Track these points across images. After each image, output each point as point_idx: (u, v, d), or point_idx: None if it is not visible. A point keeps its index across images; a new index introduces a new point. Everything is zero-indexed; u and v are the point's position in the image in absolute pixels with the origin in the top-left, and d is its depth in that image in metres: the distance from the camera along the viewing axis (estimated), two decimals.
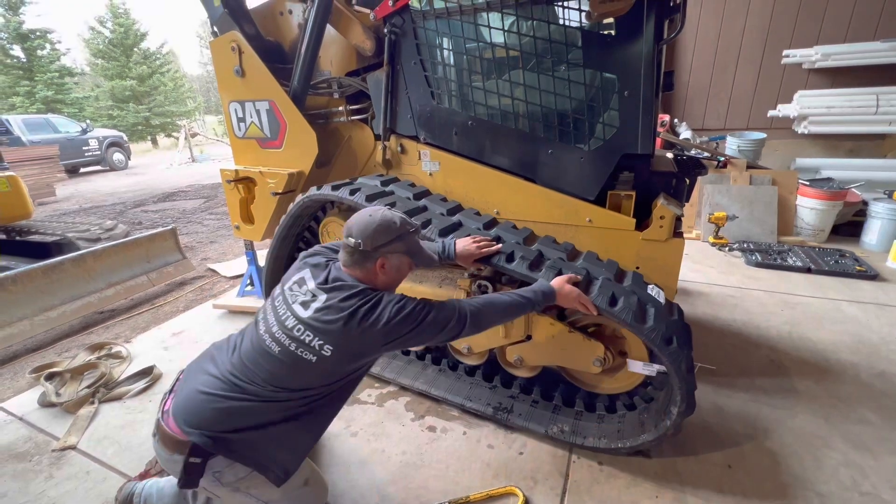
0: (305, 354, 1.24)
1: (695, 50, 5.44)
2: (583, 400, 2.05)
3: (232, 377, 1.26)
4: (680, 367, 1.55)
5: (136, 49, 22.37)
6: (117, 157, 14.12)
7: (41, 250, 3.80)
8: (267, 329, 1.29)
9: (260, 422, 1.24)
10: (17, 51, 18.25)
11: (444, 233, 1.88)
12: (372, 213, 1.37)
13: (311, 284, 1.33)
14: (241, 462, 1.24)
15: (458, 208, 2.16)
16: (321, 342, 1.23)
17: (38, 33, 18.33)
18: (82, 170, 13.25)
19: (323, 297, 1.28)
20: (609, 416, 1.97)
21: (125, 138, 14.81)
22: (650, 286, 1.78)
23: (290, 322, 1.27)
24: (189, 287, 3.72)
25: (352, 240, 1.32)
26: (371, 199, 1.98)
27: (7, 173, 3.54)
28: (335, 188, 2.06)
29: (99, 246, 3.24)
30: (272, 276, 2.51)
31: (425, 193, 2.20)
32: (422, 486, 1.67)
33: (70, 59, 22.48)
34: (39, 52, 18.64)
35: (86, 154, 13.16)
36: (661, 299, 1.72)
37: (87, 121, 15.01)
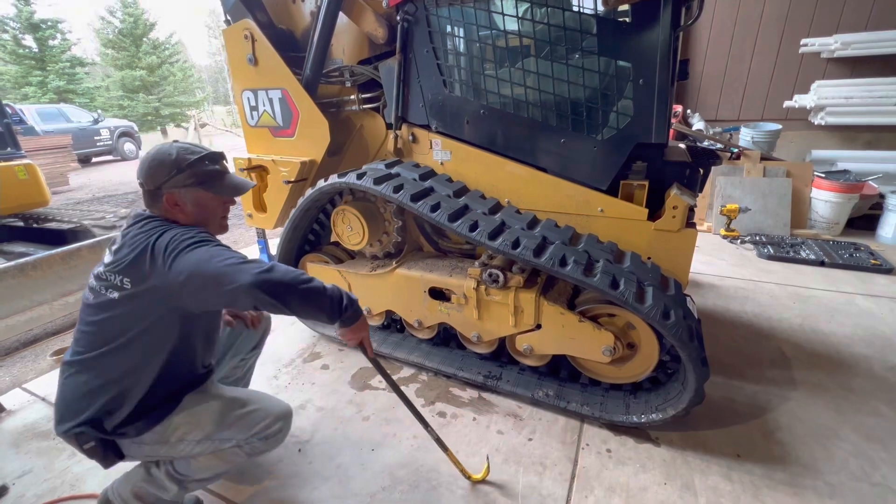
0: (110, 293, 1.23)
1: (710, 38, 5.34)
2: (566, 370, 2.12)
3: (72, 355, 1.30)
4: (702, 384, 1.62)
5: (145, 39, 22.43)
6: (128, 146, 14.25)
7: (57, 237, 3.87)
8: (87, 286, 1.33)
9: (109, 381, 1.26)
10: (29, 41, 18.40)
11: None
12: (150, 151, 1.35)
13: (120, 233, 1.34)
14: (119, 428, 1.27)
15: (497, 206, 2.14)
16: (121, 277, 1.23)
17: (49, 23, 18.44)
18: (94, 159, 13.40)
19: (123, 237, 1.30)
20: (592, 388, 2.04)
21: (136, 128, 14.93)
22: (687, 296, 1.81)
23: (99, 269, 1.29)
24: None
25: (139, 181, 1.35)
26: (415, 198, 1.96)
27: (24, 161, 3.60)
28: (377, 182, 2.01)
29: (115, 233, 3.29)
30: (285, 258, 2.54)
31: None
32: (432, 469, 1.70)
33: (80, 50, 22.71)
34: (51, 43, 18.76)
35: (97, 144, 13.29)
36: (696, 312, 1.74)
37: (99, 111, 15.13)
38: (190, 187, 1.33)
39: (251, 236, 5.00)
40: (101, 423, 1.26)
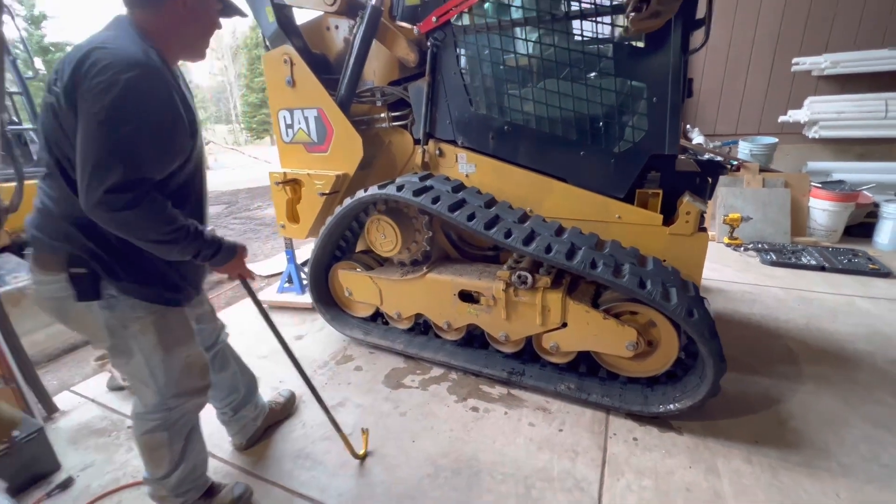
0: (49, 97, 1.13)
1: (706, 57, 5.61)
2: (585, 365, 2.25)
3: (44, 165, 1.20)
4: (720, 378, 1.77)
5: None
6: None
7: None
8: None
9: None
10: (38, 64, 18.85)
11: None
12: None
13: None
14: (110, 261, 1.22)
15: (525, 216, 2.26)
16: (56, 78, 1.11)
17: (58, 47, 18.94)
18: None
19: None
20: (610, 381, 2.17)
21: None
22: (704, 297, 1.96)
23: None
24: (228, 285, 3.91)
25: None
26: (452, 209, 2.11)
27: None
28: (416, 194, 2.15)
29: None
30: (319, 263, 2.68)
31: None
32: (472, 458, 1.82)
33: None
34: None
35: None
36: (711, 313, 1.89)
37: None
38: None
39: (271, 247, 5.14)
40: (92, 238, 1.20)
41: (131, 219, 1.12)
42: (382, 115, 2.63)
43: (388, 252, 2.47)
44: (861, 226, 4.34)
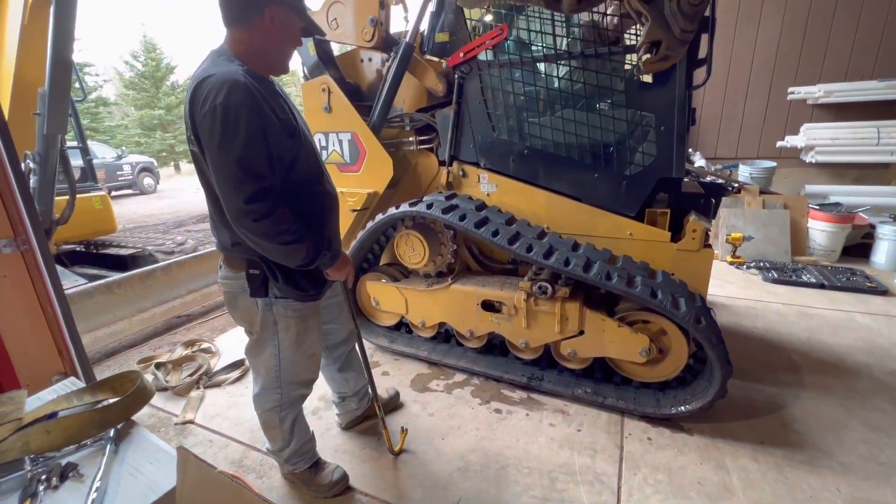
0: (192, 145, 1.31)
1: (706, 85, 5.90)
2: (601, 371, 2.40)
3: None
4: (726, 380, 1.93)
5: (166, 82, 23.71)
6: (147, 181, 14.94)
7: (117, 261, 4.21)
8: None
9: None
10: None
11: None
12: None
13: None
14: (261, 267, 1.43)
15: (543, 233, 2.46)
16: (189, 132, 1.29)
17: (77, 67, 19.63)
18: (113, 193, 13.94)
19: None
20: (624, 386, 2.32)
21: (156, 164, 15.61)
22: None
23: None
24: None
25: None
26: (477, 225, 2.32)
27: (100, 193, 4.01)
28: (445, 212, 2.37)
29: (183, 257, 3.64)
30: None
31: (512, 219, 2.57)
32: (498, 454, 1.96)
33: (102, 90, 23.98)
34: (78, 85, 19.87)
35: (119, 178, 13.99)
36: (717, 320, 2.06)
37: (123, 147, 15.90)
38: (289, 9, 1.30)
39: None
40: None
41: (270, 224, 1.27)
42: (410, 138, 2.86)
43: (416, 264, 2.66)
44: (858, 246, 4.53)
